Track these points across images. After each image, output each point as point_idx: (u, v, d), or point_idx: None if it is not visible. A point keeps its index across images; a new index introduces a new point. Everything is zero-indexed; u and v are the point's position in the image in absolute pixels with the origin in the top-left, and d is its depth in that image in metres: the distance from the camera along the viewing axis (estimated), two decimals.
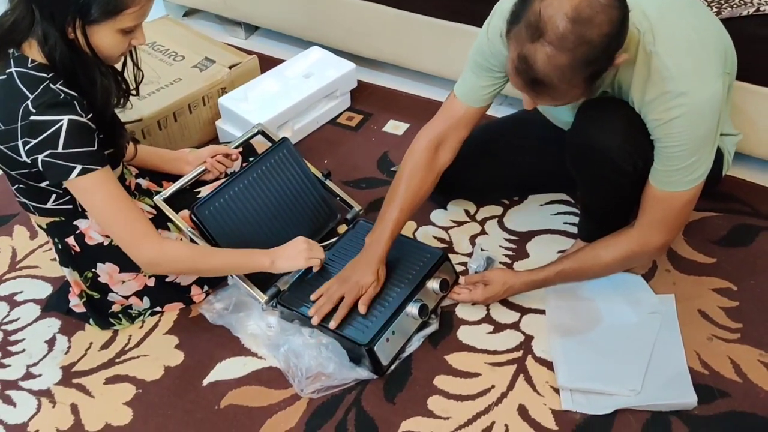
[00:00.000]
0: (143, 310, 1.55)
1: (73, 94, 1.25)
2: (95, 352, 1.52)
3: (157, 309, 1.56)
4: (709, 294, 1.53)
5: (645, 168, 1.29)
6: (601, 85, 1.30)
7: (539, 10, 1.06)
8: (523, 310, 1.53)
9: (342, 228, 1.71)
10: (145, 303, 1.54)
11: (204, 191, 1.60)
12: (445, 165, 1.49)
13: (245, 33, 2.54)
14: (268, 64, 2.19)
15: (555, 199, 1.78)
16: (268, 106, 1.96)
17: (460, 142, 1.49)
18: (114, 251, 1.43)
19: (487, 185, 1.73)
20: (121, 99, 1.41)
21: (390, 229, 1.45)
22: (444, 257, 1.53)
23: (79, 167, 1.23)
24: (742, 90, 1.64)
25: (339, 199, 1.73)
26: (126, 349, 1.52)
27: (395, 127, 2.07)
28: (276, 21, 2.39)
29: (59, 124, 1.21)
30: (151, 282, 1.51)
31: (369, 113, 2.13)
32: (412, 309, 1.42)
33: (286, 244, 1.46)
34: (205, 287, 1.57)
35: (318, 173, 1.72)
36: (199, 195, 1.58)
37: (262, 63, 2.18)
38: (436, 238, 1.71)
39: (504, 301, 1.54)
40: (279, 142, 1.67)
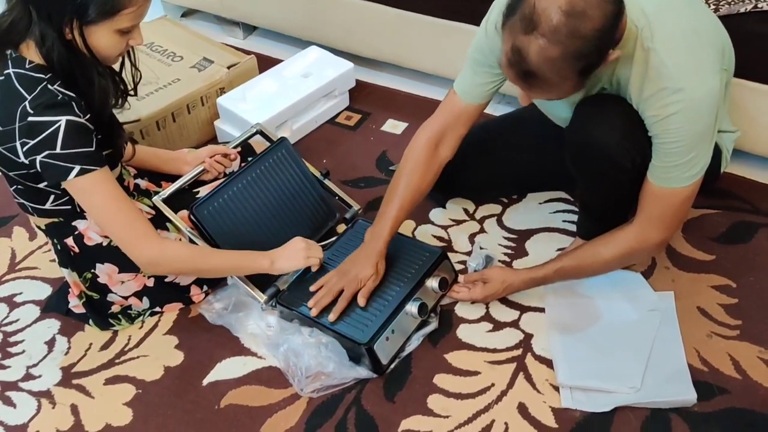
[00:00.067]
0: (143, 310, 1.55)
1: (71, 94, 1.25)
2: (95, 352, 1.52)
3: (157, 309, 1.56)
4: (708, 291, 1.53)
5: (643, 164, 1.29)
6: (597, 81, 1.31)
7: (534, 3, 1.07)
8: (523, 308, 1.53)
9: (341, 227, 1.71)
10: (145, 303, 1.54)
11: (203, 191, 1.60)
12: (445, 161, 1.50)
13: (243, 33, 2.54)
14: (266, 64, 2.19)
15: (554, 197, 1.78)
16: (267, 106, 1.96)
17: (460, 139, 1.49)
18: (113, 252, 1.44)
19: (486, 184, 1.74)
20: (119, 99, 1.41)
21: (390, 224, 1.45)
22: (443, 256, 1.53)
23: (77, 168, 1.23)
24: (740, 87, 1.64)
25: (338, 198, 1.73)
26: (126, 349, 1.52)
27: (394, 126, 2.07)
28: (274, 21, 2.39)
29: (57, 125, 1.21)
30: (151, 282, 1.51)
31: (367, 112, 2.13)
32: (412, 308, 1.42)
33: (285, 245, 1.46)
34: (205, 287, 1.57)
35: (317, 173, 1.72)
36: (197, 195, 1.58)
37: (261, 63, 2.18)
38: (435, 236, 1.71)
39: (503, 300, 1.54)
40: (277, 142, 1.67)
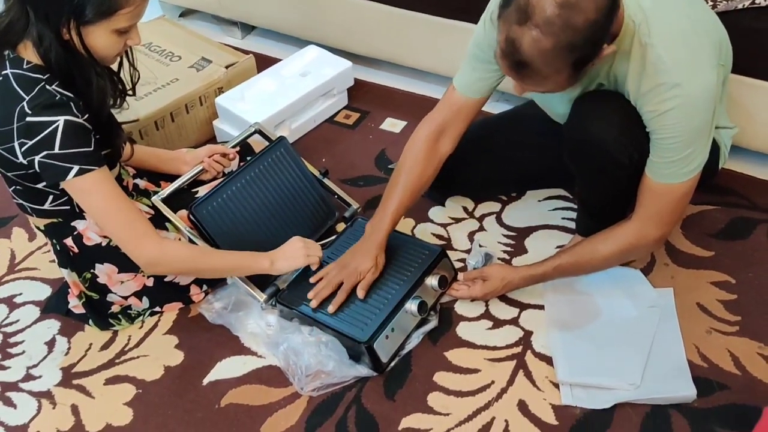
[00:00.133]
0: (142, 310, 1.55)
1: (69, 95, 1.25)
2: (95, 352, 1.52)
3: (157, 309, 1.56)
4: (707, 287, 1.53)
5: (641, 161, 1.30)
6: (595, 77, 1.31)
7: None
8: (522, 306, 1.53)
9: (340, 226, 1.71)
10: (145, 303, 1.54)
11: (202, 191, 1.59)
12: (445, 155, 1.50)
13: (242, 33, 2.54)
14: (264, 63, 2.19)
15: (553, 194, 1.79)
16: (265, 105, 1.96)
17: (460, 134, 1.49)
18: (112, 252, 1.44)
19: (485, 181, 1.74)
20: (118, 99, 1.41)
21: (390, 217, 1.45)
22: (442, 254, 1.53)
23: (76, 168, 1.23)
24: (739, 83, 1.63)
25: (337, 197, 1.73)
26: (126, 349, 1.52)
27: (392, 124, 2.07)
28: (272, 20, 2.39)
29: (55, 125, 1.21)
30: (150, 282, 1.51)
31: (366, 111, 2.13)
32: (411, 306, 1.42)
33: (284, 245, 1.46)
34: (204, 287, 1.57)
35: (315, 171, 1.71)
36: (196, 195, 1.58)
37: (259, 62, 2.18)
38: (434, 235, 1.71)
39: (503, 297, 1.54)
40: (276, 141, 1.67)
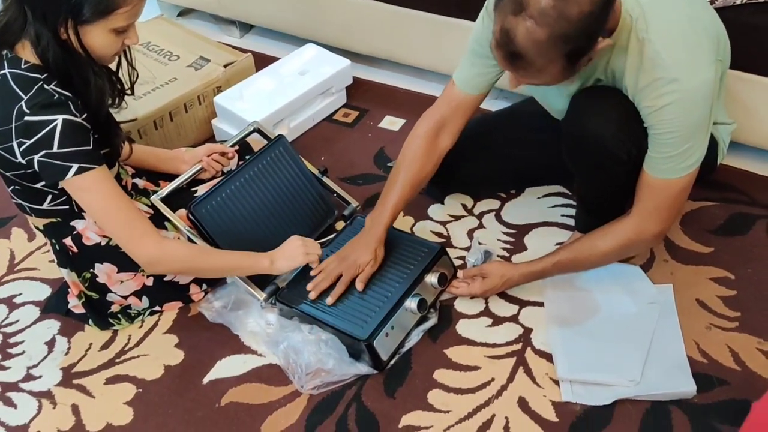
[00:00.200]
0: (142, 309, 1.55)
1: (67, 94, 1.25)
2: (95, 352, 1.52)
3: (156, 308, 1.56)
4: (706, 283, 1.53)
5: (639, 156, 1.30)
6: (593, 72, 1.31)
7: None
8: (522, 303, 1.53)
9: (340, 224, 1.71)
10: (144, 302, 1.54)
11: (201, 190, 1.59)
12: (445, 150, 1.50)
13: (240, 32, 2.54)
14: (263, 62, 2.18)
15: (552, 191, 1.79)
16: (264, 104, 1.96)
17: (459, 129, 1.50)
18: (112, 251, 1.44)
19: (484, 178, 1.74)
20: (116, 99, 1.41)
21: (390, 211, 1.46)
22: (442, 251, 1.53)
23: (75, 166, 1.23)
24: (737, 79, 1.63)
25: (336, 195, 1.73)
26: (126, 349, 1.52)
27: (391, 122, 2.07)
28: (271, 19, 2.38)
29: (54, 124, 1.20)
30: (150, 281, 1.51)
31: (365, 109, 2.13)
32: (411, 304, 1.42)
33: (283, 245, 1.47)
34: (204, 286, 1.57)
35: (314, 170, 1.71)
36: (195, 194, 1.58)
37: (257, 61, 2.18)
38: (433, 232, 1.71)
39: (503, 294, 1.54)
40: (275, 140, 1.67)
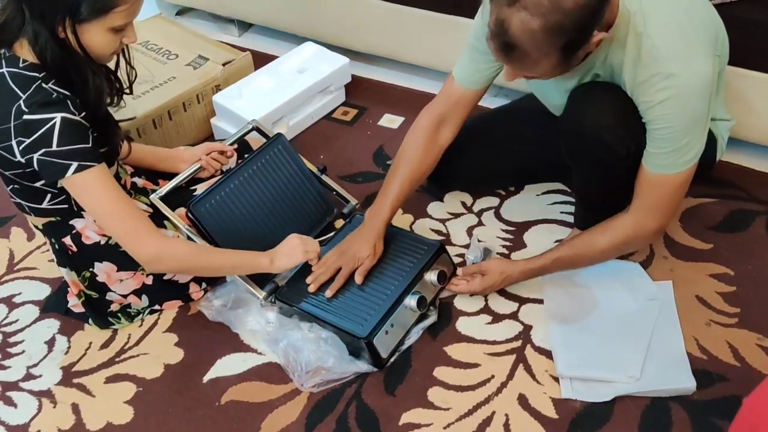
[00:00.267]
0: (142, 308, 1.55)
1: (66, 92, 1.25)
2: (95, 351, 1.52)
3: (156, 307, 1.56)
4: (706, 279, 1.53)
5: (638, 152, 1.30)
6: (591, 67, 1.31)
7: None
8: (522, 300, 1.53)
9: (339, 222, 1.71)
10: (144, 301, 1.54)
11: (200, 189, 1.59)
12: (445, 145, 1.51)
13: (238, 30, 2.54)
14: (261, 60, 2.18)
15: (551, 188, 1.79)
16: (263, 102, 1.95)
17: (459, 123, 1.50)
18: (111, 250, 1.44)
19: (483, 175, 1.73)
20: (115, 98, 1.41)
21: (389, 205, 1.46)
22: (441, 249, 1.53)
23: (75, 164, 1.23)
24: (736, 75, 1.63)
25: (335, 193, 1.73)
26: (126, 347, 1.52)
27: (390, 120, 2.07)
28: (269, 17, 2.38)
29: (52, 122, 1.20)
30: (150, 280, 1.51)
31: (364, 107, 2.13)
32: (411, 301, 1.42)
33: (281, 243, 1.46)
34: (204, 284, 1.57)
35: (313, 168, 1.71)
36: (195, 193, 1.58)
37: (256, 60, 2.17)
38: (433, 230, 1.71)
39: (502, 292, 1.54)
40: (274, 138, 1.67)
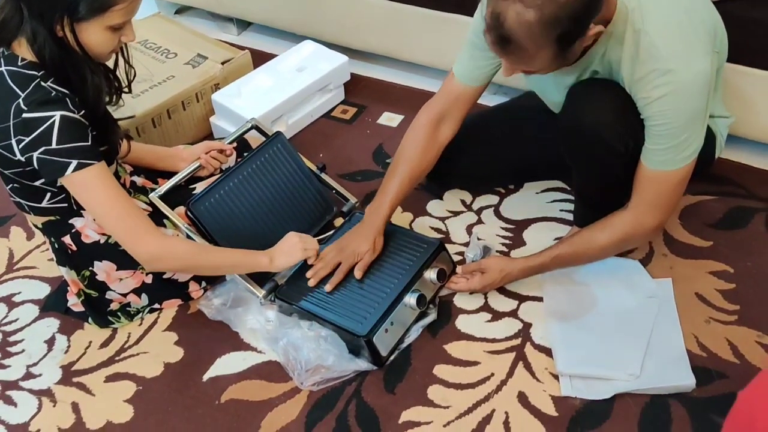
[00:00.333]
0: (142, 307, 1.55)
1: (65, 91, 1.25)
2: (95, 350, 1.52)
3: (156, 306, 1.56)
4: (706, 277, 1.53)
5: (636, 149, 1.30)
6: (589, 64, 1.31)
7: None
8: (521, 298, 1.53)
9: (339, 221, 1.71)
10: (144, 300, 1.54)
11: (199, 187, 1.59)
12: (445, 141, 1.51)
13: (237, 29, 2.54)
14: (260, 59, 2.18)
15: (551, 186, 1.78)
16: (262, 101, 1.95)
17: (460, 120, 1.51)
18: (111, 249, 1.44)
19: (483, 173, 1.73)
20: (113, 96, 1.41)
21: (390, 200, 1.47)
22: (441, 247, 1.53)
23: (74, 162, 1.23)
24: (735, 72, 1.63)
25: (335, 192, 1.73)
26: (125, 346, 1.52)
27: (390, 119, 2.07)
28: (268, 16, 2.38)
29: (51, 120, 1.21)
30: (149, 279, 1.51)
31: (363, 106, 2.13)
32: (410, 299, 1.42)
33: (280, 242, 1.47)
34: (203, 283, 1.57)
35: (313, 167, 1.71)
36: (194, 191, 1.58)
37: (255, 58, 2.17)
38: (432, 228, 1.71)
39: (502, 290, 1.54)
40: (273, 137, 1.67)
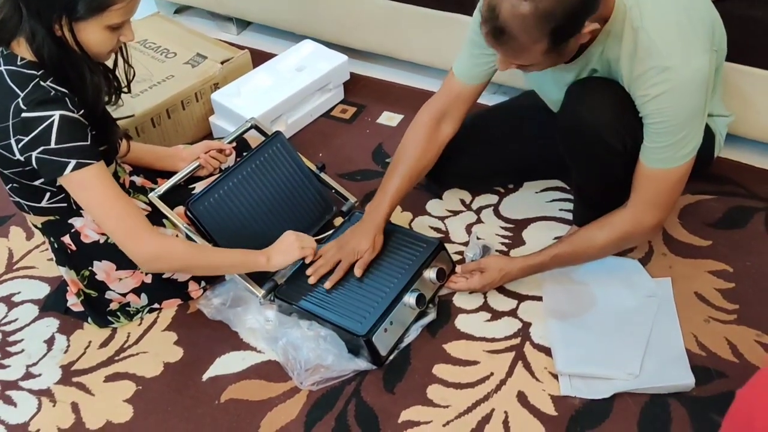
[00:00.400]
0: (141, 307, 1.55)
1: (64, 90, 1.25)
2: (94, 350, 1.52)
3: (155, 306, 1.56)
4: (705, 276, 1.53)
5: (635, 147, 1.30)
6: (588, 62, 1.31)
7: None
8: (521, 297, 1.53)
9: (338, 220, 1.71)
10: (143, 300, 1.54)
11: (198, 187, 1.59)
12: (446, 139, 1.51)
13: (237, 28, 2.54)
14: (260, 58, 2.18)
15: (550, 186, 1.78)
16: (261, 100, 1.95)
17: (460, 118, 1.51)
18: (110, 249, 1.44)
19: (482, 173, 1.73)
20: (113, 96, 1.41)
21: (390, 198, 1.47)
22: (440, 246, 1.53)
23: (73, 162, 1.23)
24: (734, 71, 1.63)
25: (334, 191, 1.73)
26: (125, 346, 1.52)
27: (389, 118, 2.07)
28: (267, 16, 2.38)
29: (51, 120, 1.20)
30: (149, 279, 1.51)
31: (362, 105, 2.13)
32: (410, 299, 1.43)
33: (277, 241, 1.47)
34: (203, 283, 1.57)
35: (312, 166, 1.71)
36: (193, 191, 1.58)
37: (254, 58, 2.17)
38: (432, 227, 1.71)
39: (501, 289, 1.54)
40: (272, 136, 1.67)
